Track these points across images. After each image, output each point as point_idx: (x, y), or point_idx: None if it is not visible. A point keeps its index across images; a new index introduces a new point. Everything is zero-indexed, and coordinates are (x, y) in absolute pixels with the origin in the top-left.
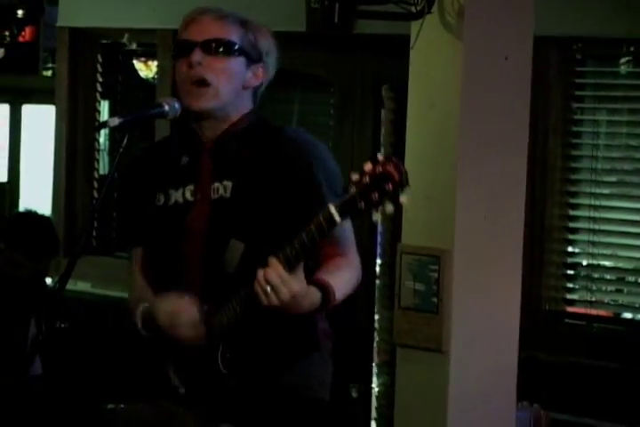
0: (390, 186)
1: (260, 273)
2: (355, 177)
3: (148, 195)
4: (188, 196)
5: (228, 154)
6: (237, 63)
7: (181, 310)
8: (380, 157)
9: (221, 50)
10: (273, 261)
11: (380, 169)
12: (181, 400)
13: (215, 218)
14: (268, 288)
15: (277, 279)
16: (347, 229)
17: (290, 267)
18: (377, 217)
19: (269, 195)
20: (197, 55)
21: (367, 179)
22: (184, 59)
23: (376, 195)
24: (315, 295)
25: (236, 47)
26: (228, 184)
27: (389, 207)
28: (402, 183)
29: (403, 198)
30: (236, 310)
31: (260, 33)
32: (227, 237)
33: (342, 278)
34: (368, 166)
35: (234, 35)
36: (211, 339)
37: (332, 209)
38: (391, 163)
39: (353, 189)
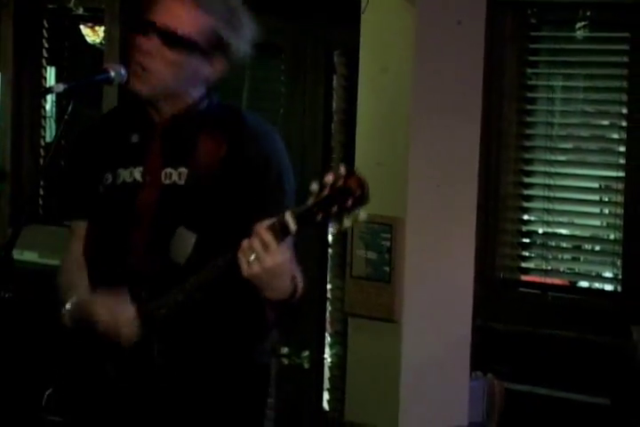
0: (350, 202)
1: (246, 241)
2: (314, 188)
3: (95, 172)
4: (137, 176)
5: (183, 138)
6: (190, 60)
7: (121, 313)
8: (343, 169)
9: (175, 43)
10: (261, 227)
11: (341, 183)
12: (116, 388)
13: (165, 204)
14: (253, 255)
15: (263, 246)
16: None
17: (277, 238)
18: (334, 230)
19: (226, 187)
20: (149, 44)
21: (327, 191)
22: (139, 38)
23: (335, 209)
24: (288, 287)
25: (193, 45)
26: (184, 171)
27: (347, 222)
28: (363, 200)
29: (362, 215)
30: (177, 301)
31: (235, 26)
32: (175, 224)
33: (299, 272)
34: (329, 178)
35: (197, 28)
36: (146, 329)
37: (289, 217)
38: (353, 177)
39: (311, 201)
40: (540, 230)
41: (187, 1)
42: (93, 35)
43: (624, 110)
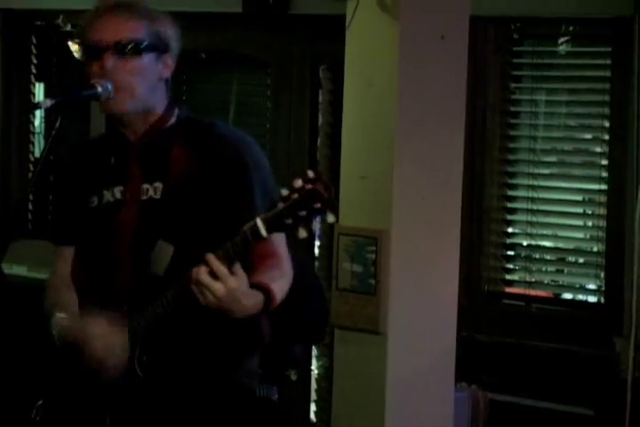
0: (319, 205)
1: (195, 270)
2: (284, 192)
3: (80, 196)
4: (118, 195)
5: (156, 154)
6: (148, 60)
7: (116, 344)
8: (311, 174)
9: (132, 50)
10: (209, 256)
11: (309, 187)
12: (96, 397)
13: (144, 219)
14: (203, 286)
15: (211, 278)
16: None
17: (227, 263)
18: (303, 234)
19: (200, 197)
20: (109, 60)
21: (296, 196)
22: (95, 62)
23: (304, 212)
24: (258, 299)
25: (145, 44)
26: (159, 186)
27: (316, 226)
28: (330, 203)
29: (330, 217)
30: (157, 313)
31: (162, 22)
32: (154, 237)
33: (281, 283)
34: (298, 183)
35: (141, 31)
36: (131, 340)
37: (260, 223)
38: (321, 182)
39: (281, 205)
40: (524, 243)
41: (115, 13)
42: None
43: (606, 124)
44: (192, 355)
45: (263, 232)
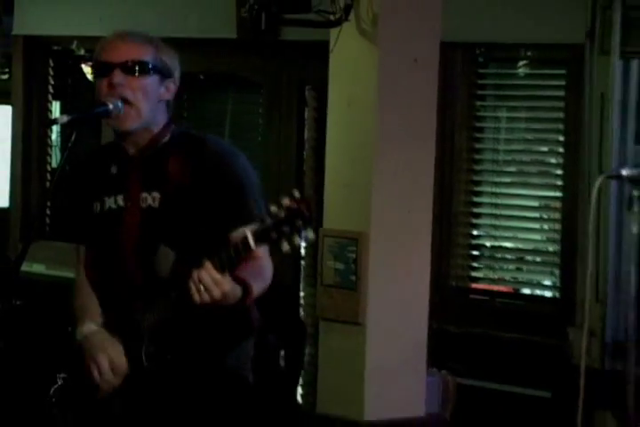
0: (301, 223)
1: (195, 274)
2: (273, 209)
3: (85, 202)
4: (120, 202)
5: (154, 166)
6: (152, 81)
7: (120, 366)
8: (297, 194)
9: (138, 70)
10: (207, 263)
11: (294, 206)
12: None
13: (145, 225)
14: (202, 287)
15: (210, 280)
16: None
17: (221, 270)
18: (286, 248)
19: (195, 206)
20: (118, 76)
21: (282, 213)
22: (104, 79)
23: (288, 228)
24: (237, 292)
25: (151, 66)
26: (157, 195)
27: (297, 240)
28: (310, 221)
29: (310, 234)
30: (166, 309)
31: (167, 52)
32: (156, 243)
33: (260, 280)
34: (285, 201)
35: (148, 55)
36: (137, 334)
37: (249, 235)
38: (304, 202)
39: (269, 221)
40: (488, 244)
41: (127, 39)
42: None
43: (561, 138)
44: (192, 344)
45: (252, 244)
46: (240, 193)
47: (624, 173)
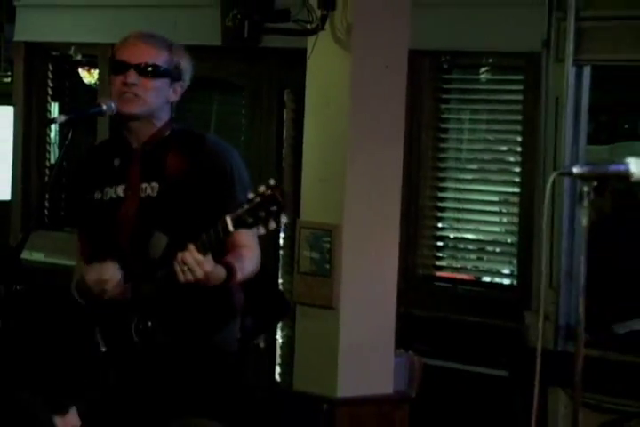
0: (275, 208)
1: (180, 255)
2: (250, 196)
3: (88, 191)
4: (120, 193)
5: (154, 158)
6: (163, 83)
7: (105, 273)
8: (272, 182)
9: (151, 72)
10: (190, 246)
11: (269, 193)
12: (102, 357)
13: (142, 213)
14: (186, 267)
15: (193, 261)
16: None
17: (203, 252)
18: (262, 231)
19: (190, 195)
20: (132, 76)
21: (258, 199)
22: (120, 76)
23: (263, 213)
24: (221, 273)
25: (163, 70)
26: (155, 185)
27: (272, 224)
28: (283, 207)
29: (283, 218)
30: (155, 287)
31: (182, 55)
32: (151, 229)
33: (245, 264)
34: (261, 189)
35: (162, 59)
36: (130, 311)
37: (228, 220)
38: (278, 189)
39: (246, 206)
40: (452, 235)
41: (145, 41)
42: (89, 76)
43: (519, 138)
44: (179, 323)
45: (231, 228)
46: (231, 185)
47: (575, 170)
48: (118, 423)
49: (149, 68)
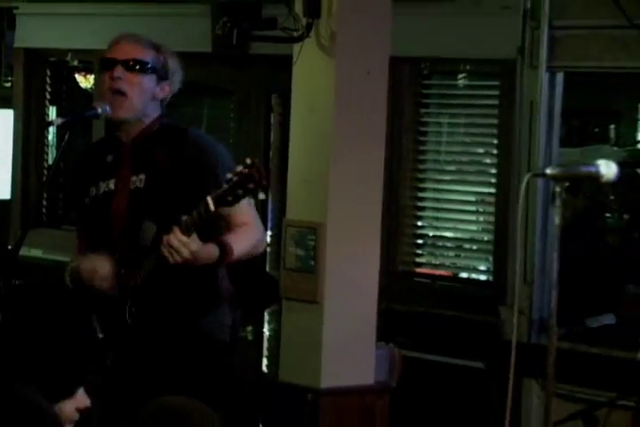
0: (252, 185)
1: (165, 238)
2: (228, 176)
3: (85, 188)
4: (112, 186)
5: (143, 152)
6: (149, 79)
7: (98, 266)
8: (248, 161)
9: (137, 68)
10: (174, 228)
11: (245, 171)
12: (100, 343)
13: (132, 204)
14: (172, 249)
15: (178, 242)
16: (247, 206)
17: (187, 233)
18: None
19: (176, 185)
20: (118, 71)
21: (236, 178)
22: (108, 72)
23: (241, 191)
24: (213, 251)
25: (149, 66)
26: (143, 177)
27: (251, 201)
28: (261, 183)
29: (261, 195)
30: (146, 272)
31: (170, 56)
32: (141, 219)
33: (242, 240)
34: (239, 168)
35: (148, 56)
36: (123, 296)
37: (209, 200)
38: (254, 167)
39: (225, 186)
40: (431, 233)
41: (132, 40)
42: (85, 81)
43: (495, 141)
44: (167, 307)
45: (212, 207)
46: (213, 173)
47: (548, 171)
48: (114, 404)
49: (135, 64)
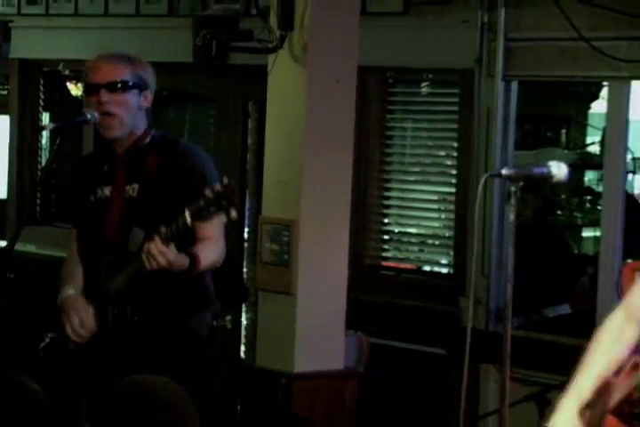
0: (225, 203)
1: (145, 246)
2: (206, 193)
3: (83, 193)
4: (108, 193)
5: (136, 163)
6: (132, 94)
7: (84, 326)
8: (225, 181)
9: (120, 87)
10: (155, 237)
11: (222, 190)
12: (92, 340)
13: (126, 211)
14: (150, 257)
15: (157, 251)
16: (218, 222)
17: (166, 243)
18: (224, 219)
19: (166, 195)
20: (103, 95)
21: (212, 195)
22: (94, 97)
23: (215, 208)
24: (185, 261)
25: (130, 84)
26: (136, 186)
27: (223, 218)
28: (233, 202)
29: (233, 213)
30: (128, 276)
31: (143, 66)
32: (131, 225)
33: (208, 254)
34: (216, 187)
35: (127, 74)
36: (106, 299)
37: (187, 214)
38: (230, 187)
39: (202, 202)
40: (396, 230)
41: (108, 62)
42: (76, 89)
43: (455, 144)
44: (150, 309)
45: (188, 220)
46: (199, 184)
47: (504, 172)
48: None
49: (117, 85)
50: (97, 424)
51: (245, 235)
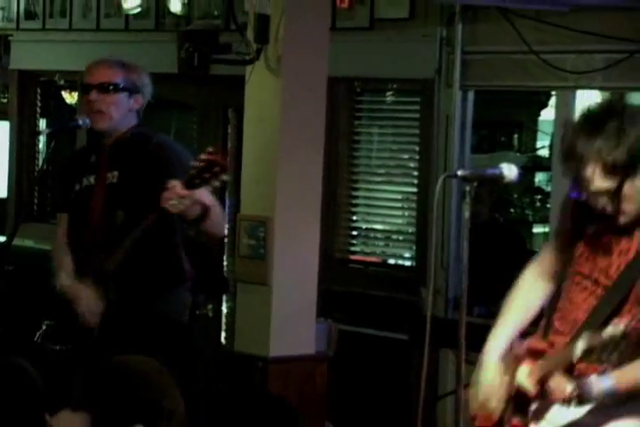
0: (217, 169)
1: (166, 192)
2: (194, 163)
3: (71, 182)
4: (92, 181)
5: (118, 154)
6: (122, 96)
7: (93, 306)
8: (211, 149)
9: (110, 88)
10: (176, 182)
11: (210, 157)
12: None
13: (108, 196)
14: (175, 201)
15: (179, 195)
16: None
17: (188, 187)
18: (209, 189)
19: (143, 179)
20: (94, 95)
21: (202, 164)
22: (87, 96)
23: (207, 175)
24: (197, 210)
25: (121, 86)
26: (116, 173)
27: (216, 183)
28: (224, 167)
29: (225, 177)
30: (120, 257)
31: (137, 72)
32: (115, 209)
33: (215, 209)
34: (204, 156)
35: (118, 77)
36: (106, 278)
37: (179, 184)
38: (218, 154)
39: (192, 171)
40: (363, 226)
41: (101, 65)
42: (70, 98)
43: (417, 148)
44: (126, 287)
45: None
46: (171, 169)
47: (459, 173)
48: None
49: (107, 86)
50: (83, 404)
51: (225, 231)
